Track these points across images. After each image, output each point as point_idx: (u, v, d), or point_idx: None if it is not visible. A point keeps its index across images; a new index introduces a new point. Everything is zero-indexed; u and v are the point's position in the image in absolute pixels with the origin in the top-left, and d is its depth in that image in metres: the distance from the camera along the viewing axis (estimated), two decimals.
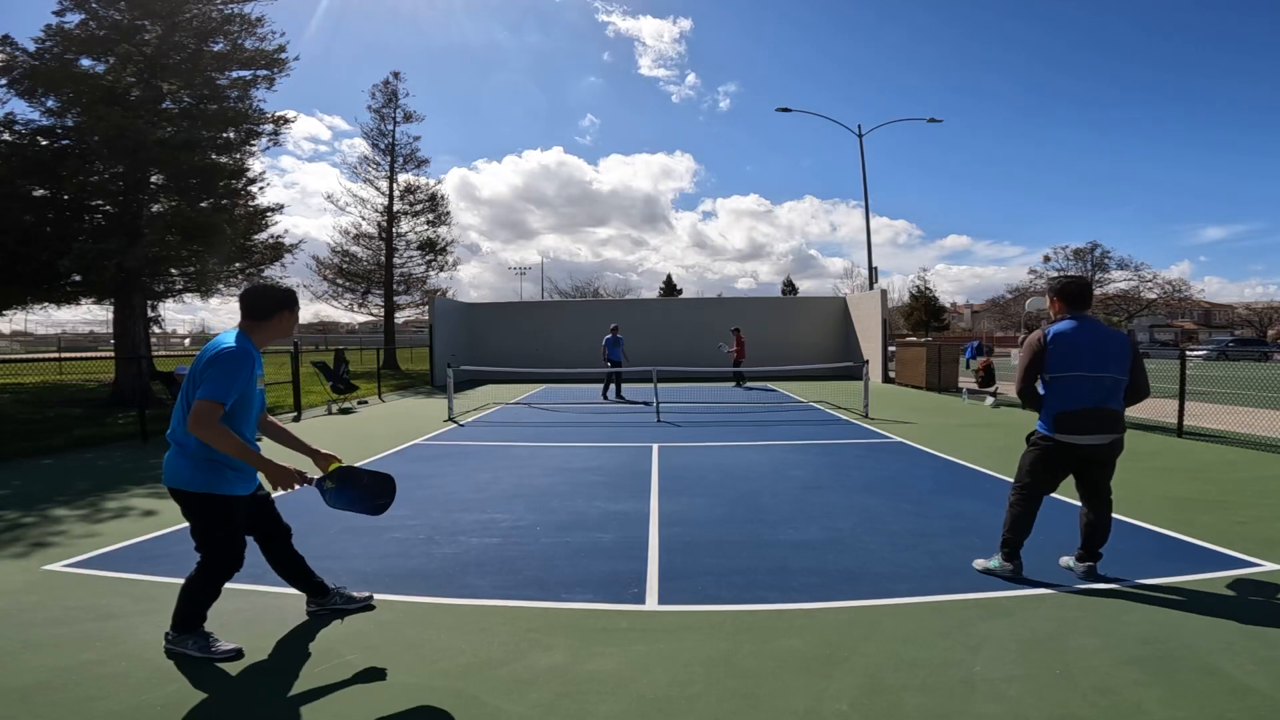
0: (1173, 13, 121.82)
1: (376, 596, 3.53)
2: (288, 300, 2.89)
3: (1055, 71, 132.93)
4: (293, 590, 3.59)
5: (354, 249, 26.99)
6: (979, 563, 3.85)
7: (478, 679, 2.67)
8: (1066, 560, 3.82)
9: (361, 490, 3.02)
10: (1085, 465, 3.58)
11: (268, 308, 2.83)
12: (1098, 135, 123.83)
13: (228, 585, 3.64)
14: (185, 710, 2.45)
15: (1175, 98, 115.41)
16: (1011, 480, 6.01)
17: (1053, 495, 3.82)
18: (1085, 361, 3.43)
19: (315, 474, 2.94)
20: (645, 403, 13.18)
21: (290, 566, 3.18)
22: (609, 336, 14.39)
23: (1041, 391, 3.59)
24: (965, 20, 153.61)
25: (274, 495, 3.02)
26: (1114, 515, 5.05)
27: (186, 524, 2.84)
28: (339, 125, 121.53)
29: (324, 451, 3.00)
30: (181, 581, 2.90)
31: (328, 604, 3.30)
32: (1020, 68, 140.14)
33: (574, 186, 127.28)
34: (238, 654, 2.83)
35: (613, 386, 14.61)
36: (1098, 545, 3.65)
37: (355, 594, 3.41)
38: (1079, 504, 3.77)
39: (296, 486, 2.78)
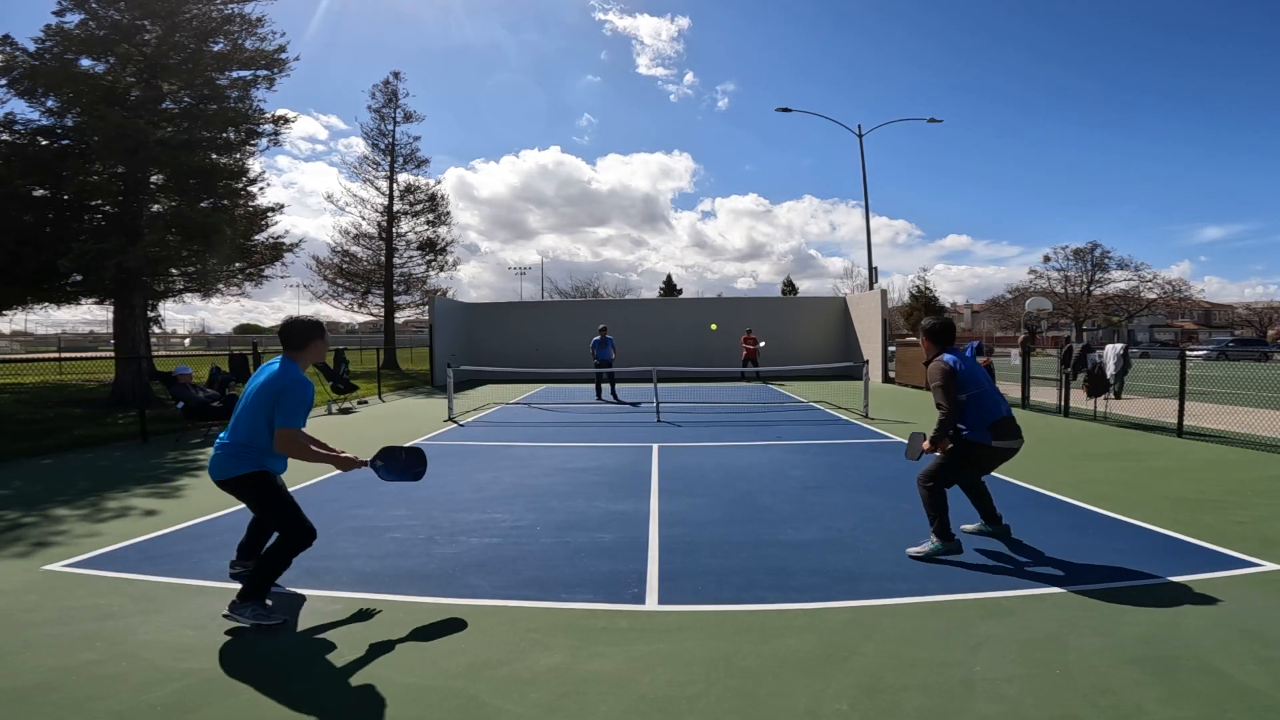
0: (1173, 12, 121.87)
1: (376, 596, 3.53)
2: (318, 330, 3.44)
3: (1055, 71, 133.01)
4: (292, 590, 3.61)
5: (354, 249, 27.01)
6: (913, 550, 4.05)
7: (478, 679, 2.67)
8: (970, 527, 4.42)
9: (401, 463, 3.64)
10: (995, 465, 4.13)
11: (304, 339, 3.37)
12: (1097, 135, 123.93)
13: (226, 585, 3.66)
14: (185, 710, 2.45)
15: (1175, 97, 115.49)
16: (1011, 480, 6.03)
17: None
18: (984, 380, 4.01)
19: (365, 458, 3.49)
20: (634, 403, 13.18)
21: (258, 547, 3.58)
22: (597, 338, 14.33)
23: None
24: (965, 20, 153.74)
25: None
26: (1114, 515, 5.11)
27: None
28: (336, 125, 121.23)
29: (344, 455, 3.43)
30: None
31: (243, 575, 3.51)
32: (1019, 68, 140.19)
33: (572, 186, 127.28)
34: (284, 624, 3.13)
35: (605, 386, 14.58)
36: (989, 509, 4.38)
37: (268, 619, 3.18)
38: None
39: (357, 468, 3.43)
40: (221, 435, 3.32)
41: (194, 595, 3.56)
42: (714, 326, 14.39)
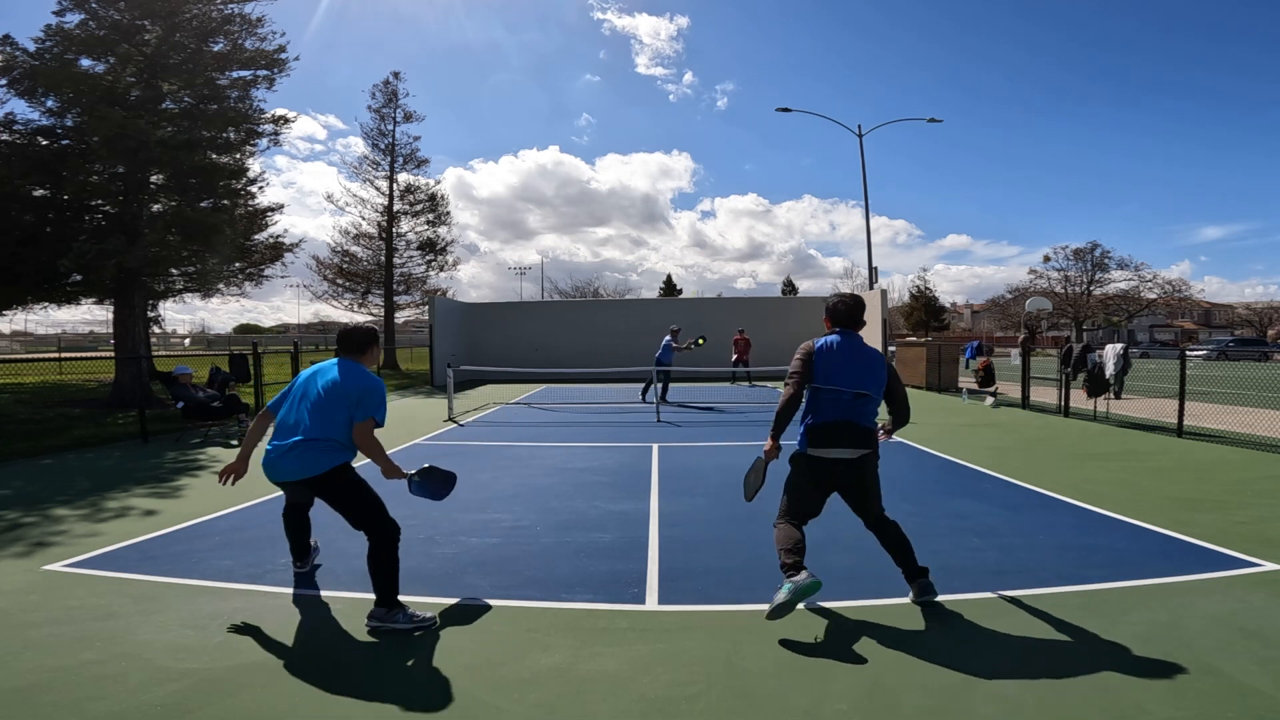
0: (1172, 13, 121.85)
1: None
2: (374, 336, 3.65)
3: (1055, 71, 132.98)
4: (293, 590, 3.61)
5: (354, 249, 27.00)
6: (773, 603, 3.04)
7: (478, 679, 2.67)
8: (910, 598, 3.42)
9: (435, 483, 3.76)
10: (840, 484, 3.40)
11: (365, 344, 3.56)
12: (1097, 134, 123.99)
13: (226, 585, 3.67)
14: (185, 710, 2.45)
15: (1174, 96, 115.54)
16: (1011, 480, 6.02)
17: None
18: (846, 376, 3.33)
19: (409, 470, 3.64)
20: (680, 404, 12.85)
21: (306, 539, 3.92)
22: (668, 338, 13.67)
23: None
24: (965, 19, 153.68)
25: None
26: (1114, 515, 5.07)
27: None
28: (334, 124, 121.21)
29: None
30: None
31: (305, 567, 3.91)
32: (1019, 67, 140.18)
33: (572, 186, 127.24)
34: (435, 621, 3.19)
35: (656, 388, 12.85)
36: (913, 561, 3.39)
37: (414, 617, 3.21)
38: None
39: (396, 479, 3.56)
40: (279, 440, 3.32)
41: (194, 595, 3.56)
42: (701, 341, 14.11)
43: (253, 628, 3.14)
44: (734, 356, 18.38)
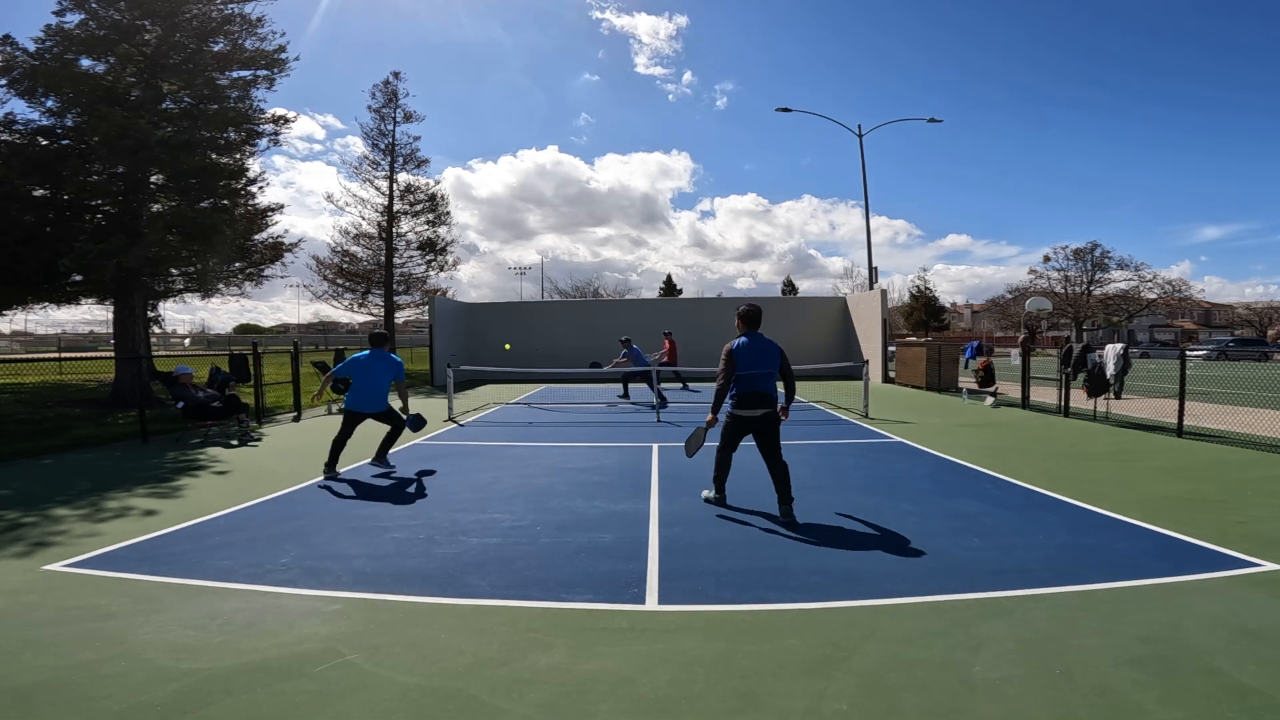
0: (1172, 13, 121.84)
1: (376, 596, 3.53)
2: (390, 335, 6.11)
3: (1054, 71, 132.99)
4: (292, 590, 3.61)
5: (354, 249, 26.94)
6: (705, 493, 5.47)
7: (478, 679, 2.68)
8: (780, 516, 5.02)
9: (418, 422, 7.09)
10: (756, 431, 5.07)
11: (388, 339, 6.92)
12: (1097, 134, 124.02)
13: (226, 585, 3.67)
14: (185, 710, 2.45)
15: (1174, 95, 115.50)
16: (1011, 480, 6.11)
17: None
18: (754, 362, 4.99)
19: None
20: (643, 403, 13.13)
21: (387, 449, 6.99)
22: (633, 349, 13.86)
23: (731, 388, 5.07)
24: (965, 18, 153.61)
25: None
26: (1113, 515, 5.12)
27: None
28: (333, 124, 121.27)
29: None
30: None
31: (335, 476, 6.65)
32: (1020, 67, 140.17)
33: (571, 186, 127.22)
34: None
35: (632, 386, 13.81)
36: (787, 492, 4.99)
37: None
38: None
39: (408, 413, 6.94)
40: (365, 392, 6.62)
41: (194, 595, 3.56)
42: (507, 346, 14.28)
43: (253, 628, 3.15)
44: (662, 359, 17.16)
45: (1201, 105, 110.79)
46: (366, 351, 6.71)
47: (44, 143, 13.80)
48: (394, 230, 26.75)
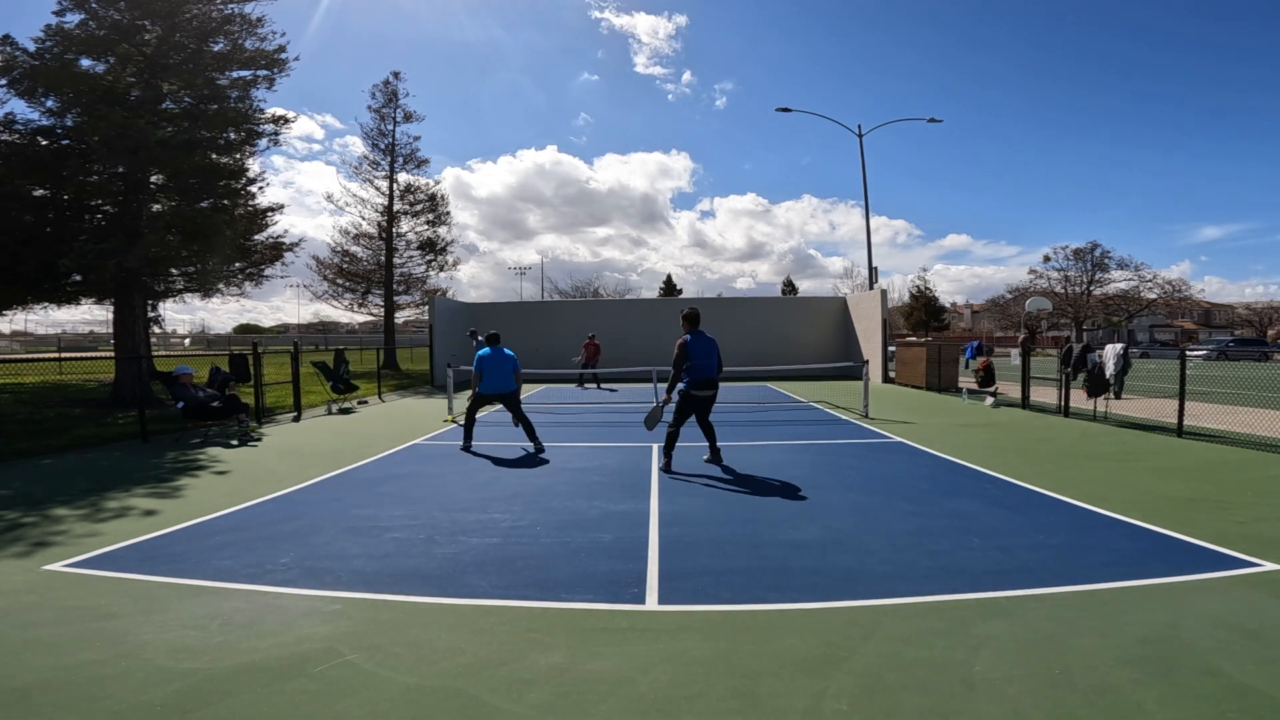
0: (1172, 14, 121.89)
1: (376, 596, 3.53)
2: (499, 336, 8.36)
3: (1055, 71, 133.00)
4: (292, 590, 3.61)
5: (354, 249, 26.99)
6: (660, 463, 6.84)
7: (478, 679, 2.68)
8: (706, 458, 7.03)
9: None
10: (702, 408, 6.82)
11: (499, 337, 8.51)
12: (1097, 134, 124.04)
13: (226, 585, 3.67)
14: (185, 710, 2.45)
15: (1174, 95, 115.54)
16: (1011, 480, 6.14)
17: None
18: (703, 353, 6.65)
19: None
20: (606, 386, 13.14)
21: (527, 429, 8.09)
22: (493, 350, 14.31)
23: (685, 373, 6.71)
24: (965, 17, 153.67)
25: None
26: (1114, 515, 5.14)
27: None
28: (333, 124, 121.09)
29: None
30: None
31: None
32: (1020, 67, 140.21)
33: (571, 186, 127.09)
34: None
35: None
36: (714, 444, 7.02)
37: None
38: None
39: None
40: (495, 379, 8.03)
41: (194, 595, 3.56)
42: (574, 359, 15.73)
43: (253, 628, 3.15)
44: (583, 359, 17.62)
45: (1201, 105, 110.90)
46: (488, 349, 8.13)
47: (44, 143, 13.80)
48: (394, 230, 26.77)
